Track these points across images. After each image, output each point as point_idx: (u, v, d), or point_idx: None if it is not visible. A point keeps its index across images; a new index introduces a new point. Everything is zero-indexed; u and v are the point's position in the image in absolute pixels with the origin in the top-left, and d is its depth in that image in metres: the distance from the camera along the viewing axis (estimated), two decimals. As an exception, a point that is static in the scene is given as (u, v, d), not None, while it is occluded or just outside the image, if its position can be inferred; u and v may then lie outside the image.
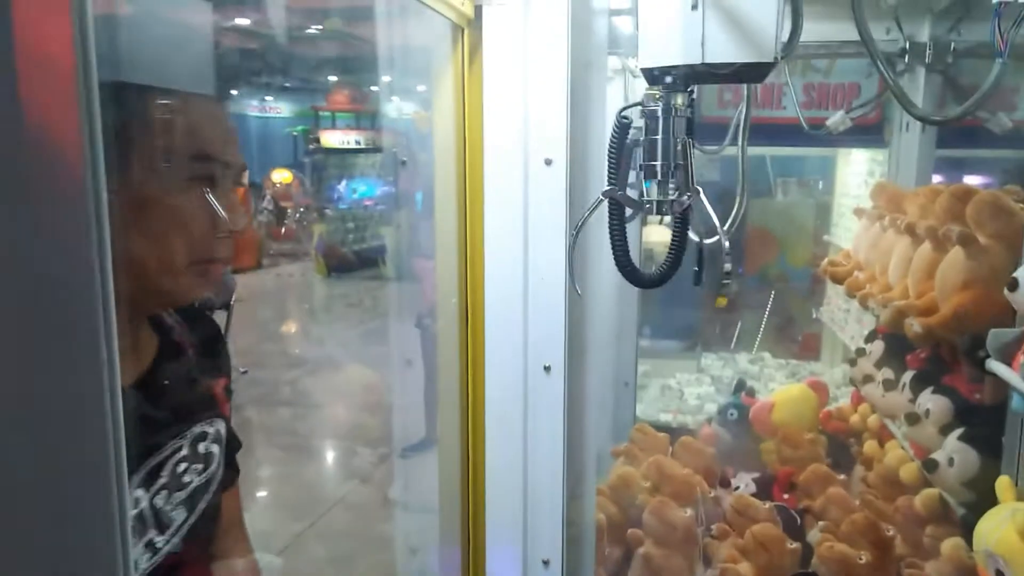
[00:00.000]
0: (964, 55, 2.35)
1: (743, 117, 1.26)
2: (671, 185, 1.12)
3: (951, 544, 1.69)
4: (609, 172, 1.16)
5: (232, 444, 1.16)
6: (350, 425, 5.17)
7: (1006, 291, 1.29)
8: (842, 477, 2.26)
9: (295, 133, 14.89)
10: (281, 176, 12.75)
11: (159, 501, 0.96)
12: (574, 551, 1.67)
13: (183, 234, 0.92)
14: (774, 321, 4.09)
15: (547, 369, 1.57)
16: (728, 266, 1.09)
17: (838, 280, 2.41)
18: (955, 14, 2.32)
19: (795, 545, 1.77)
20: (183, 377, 1.05)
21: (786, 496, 2.26)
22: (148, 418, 0.96)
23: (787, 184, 4.96)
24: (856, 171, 3.31)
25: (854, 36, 2.47)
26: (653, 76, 1.11)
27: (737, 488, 2.25)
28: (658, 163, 1.10)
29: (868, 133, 2.73)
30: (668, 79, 1.09)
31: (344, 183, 12.54)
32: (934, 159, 2.54)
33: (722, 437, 2.60)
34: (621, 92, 2.48)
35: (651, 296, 3.53)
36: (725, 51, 0.99)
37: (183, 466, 1.00)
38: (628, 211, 1.21)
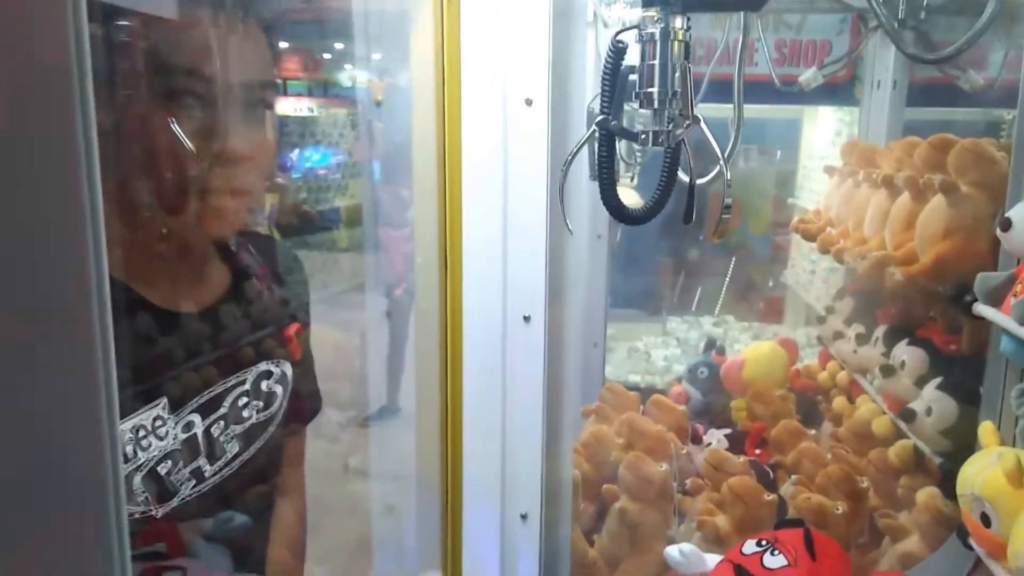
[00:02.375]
0: (936, 11, 2.34)
1: (741, 45, 1.21)
2: (667, 115, 1.07)
3: (927, 493, 1.69)
4: (602, 100, 1.10)
5: (303, 392, 1.18)
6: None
7: (997, 231, 1.27)
8: (812, 433, 2.26)
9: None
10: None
11: (215, 430, 0.98)
12: (552, 506, 1.64)
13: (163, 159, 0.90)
14: (738, 285, 4.10)
15: (527, 319, 1.52)
16: (729, 200, 1.05)
17: (810, 237, 2.40)
18: (928, -32, 2.30)
19: (772, 497, 1.76)
20: (251, 314, 1.08)
21: (757, 452, 2.26)
22: (212, 348, 1.00)
23: (749, 151, 4.97)
24: (823, 132, 3.31)
25: (827, -9, 2.44)
26: (650, -2, 1.05)
27: (709, 444, 2.24)
28: (655, 90, 1.05)
29: (839, 91, 2.72)
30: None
31: (297, 151, 12.25)
32: (904, 117, 2.54)
33: (692, 395, 2.59)
34: (593, 45, 2.42)
35: (617, 261, 3.50)
36: (732, -35, 0.94)
37: (244, 400, 1.03)
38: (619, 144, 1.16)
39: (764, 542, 1.41)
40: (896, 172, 1.92)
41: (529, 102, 1.45)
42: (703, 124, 1.04)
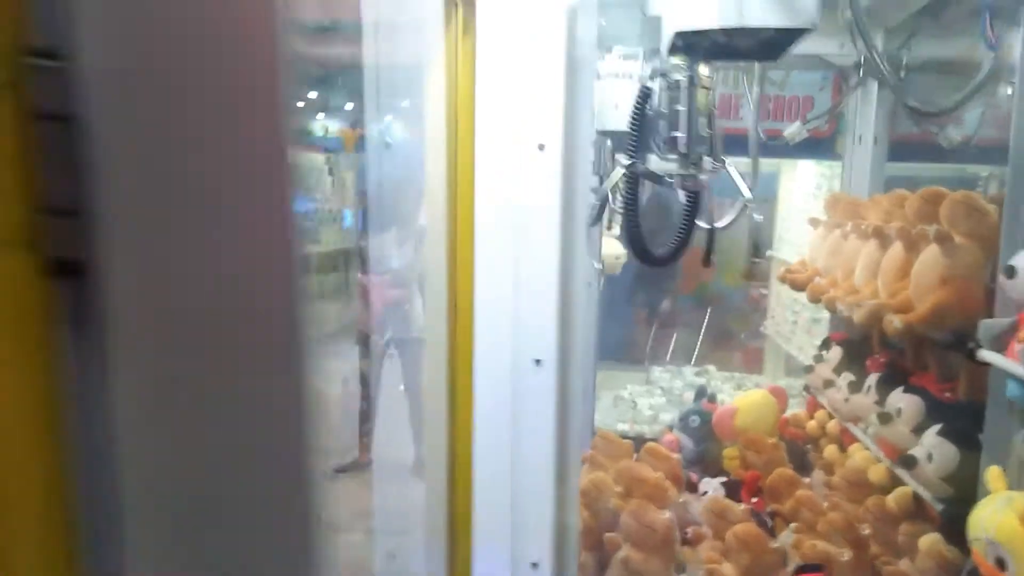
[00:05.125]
0: (916, 70, 2.44)
1: (756, 97, 1.25)
2: (691, 159, 1.09)
3: (930, 540, 1.70)
4: (629, 144, 1.12)
5: None
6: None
7: (1001, 277, 1.31)
8: (807, 481, 2.27)
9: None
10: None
11: None
12: (559, 554, 1.61)
13: None
14: (717, 336, 4.15)
15: (538, 363, 1.51)
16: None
17: (798, 287, 2.44)
18: (906, 30, 2.41)
19: (778, 544, 1.76)
20: None
21: (753, 500, 2.25)
22: None
23: (722, 206, 5.06)
24: (801, 186, 3.40)
25: (810, 50, 2.54)
26: (675, 46, 1.08)
27: (705, 492, 2.23)
28: (681, 135, 1.07)
29: (821, 145, 2.81)
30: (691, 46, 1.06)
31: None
32: (885, 171, 2.62)
33: (684, 443, 2.59)
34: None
35: (601, 311, 3.53)
36: (763, 15, 0.97)
37: None
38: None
39: (781, 588, 1.40)
40: (886, 223, 1.97)
41: (542, 147, 1.47)
42: (728, 167, 1.07)
